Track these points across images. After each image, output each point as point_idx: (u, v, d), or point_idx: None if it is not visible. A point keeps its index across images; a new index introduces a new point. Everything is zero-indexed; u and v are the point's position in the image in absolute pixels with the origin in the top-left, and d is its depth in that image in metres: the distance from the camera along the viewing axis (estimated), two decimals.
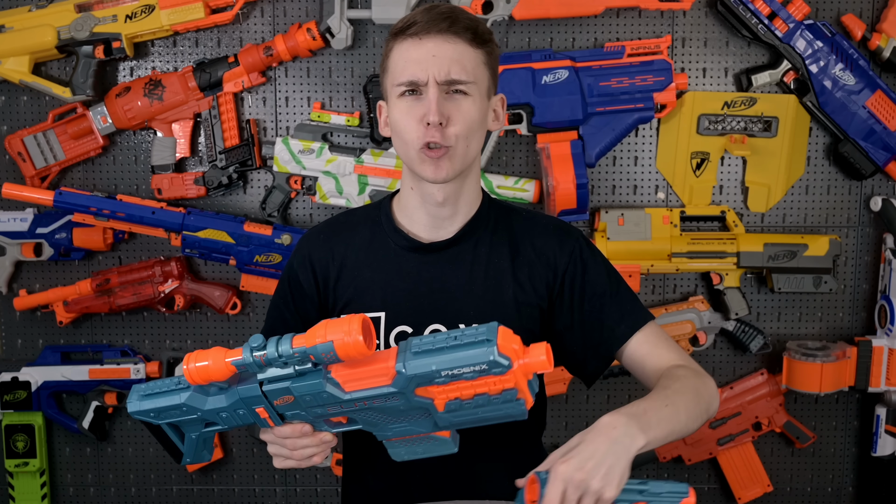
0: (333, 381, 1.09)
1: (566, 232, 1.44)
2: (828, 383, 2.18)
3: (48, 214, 2.22)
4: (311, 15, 2.18)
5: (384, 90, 1.38)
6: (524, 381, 1.03)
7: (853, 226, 2.30)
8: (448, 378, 1.03)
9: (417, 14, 1.32)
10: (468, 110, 1.32)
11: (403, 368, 1.04)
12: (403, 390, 1.06)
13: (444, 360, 1.02)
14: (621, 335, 1.38)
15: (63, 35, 2.12)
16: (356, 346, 1.02)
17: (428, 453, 1.14)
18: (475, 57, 1.32)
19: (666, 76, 2.13)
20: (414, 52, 1.30)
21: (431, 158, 1.31)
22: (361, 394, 1.08)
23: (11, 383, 2.26)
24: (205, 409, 1.15)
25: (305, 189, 2.20)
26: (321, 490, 2.38)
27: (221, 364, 1.08)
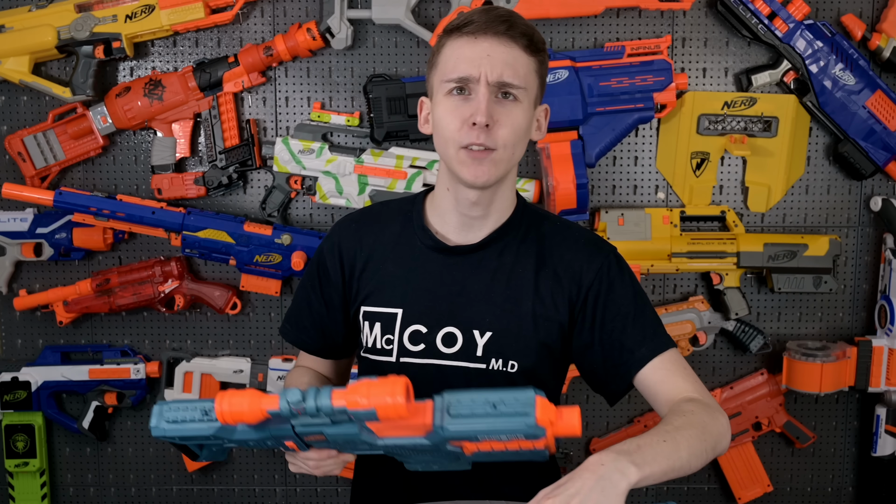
0: (368, 430, 1.08)
1: (598, 247, 1.41)
2: (828, 383, 2.18)
3: (48, 214, 2.22)
4: (311, 15, 2.18)
5: (430, 86, 1.36)
6: (553, 440, 1.03)
7: (853, 226, 2.30)
8: (483, 438, 1.05)
9: (475, 14, 1.30)
10: (516, 116, 1.30)
11: (441, 428, 1.04)
12: (437, 442, 1.06)
13: (481, 426, 1.03)
14: (641, 358, 1.34)
15: (63, 35, 2.12)
16: (398, 410, 1.01)
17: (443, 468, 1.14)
18: (528, 63, 1.31)
19: (666, 76, 2.13)
20: (468, 50, 1.29)
21: (473, 159, 1.29)
22: (394, 441, 1.08)
23: (11, 383, 2.26)
24: (233, 438, 1.14)
25: (305, 189, 2.20)
26: (321, 490, 2.38)
27: (256, 411, 1.06)
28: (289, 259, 2.17)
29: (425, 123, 1.40)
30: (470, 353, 1.37)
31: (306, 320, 1.50)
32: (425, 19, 2.18)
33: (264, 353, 2.31)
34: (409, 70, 2.21)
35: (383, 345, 1.40)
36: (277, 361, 2.27)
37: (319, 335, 1.49)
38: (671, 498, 2.38)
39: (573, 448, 2.34)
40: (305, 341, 1.51)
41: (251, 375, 2.27)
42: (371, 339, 1.41)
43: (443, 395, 1.05)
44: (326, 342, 1.50)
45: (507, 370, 1.37)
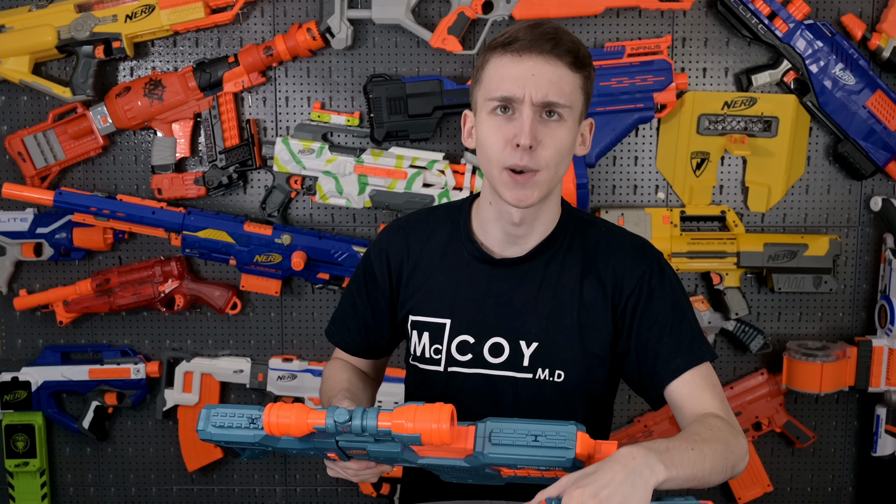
0: (410, 450, 1.12)
1: (642, 254, 1.39)
2: (828, 383, 2.18)
3: (48, 214, 2.22)
4: (311, 15, 2.18)
5: (473, 101, 1.35)
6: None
7: (853, 226, 2.30)
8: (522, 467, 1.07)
9: (521, 31, 1.28)
10: (561, 136, 1.28)
11: (481, 454, 1.06)
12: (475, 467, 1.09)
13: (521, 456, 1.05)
14: (675, 369, 1.32)
15: (63, 35, 2.12)
16: (442, 436, 1.04)
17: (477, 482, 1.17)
18: (573, 81, 1.29)
19: (666, 76, 2.13)
20: (512, 68, 1.27)
21: (515, 182, 1.28)
22: (434, 461, 1.12)
23: (11, 383, 2.26)
24: (277, 446, 1.17)
25: (305, 189, 2.20)
26: (321, 490, 2.38)
27: (303, 425, 1.10)
28: (289, 259, 2.17)
29: (468, 137, 1.39)
30: (517, 363, 1.38)
31: (351, 323, 1.52)
32: (425, 19, 2.18)
33: (264, 353, 2.31)
34: (409, 70, 2.21)
35: (432, 354, 1.42)
36: (277, 361, 2.27)
37: (363, 338, 1.52)
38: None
39: None
40: (349, 343, 1.53)
41: (251, 375, 2.27)
42: (420, 349, 1.43)
43: (485, 422, 1.07)
44: (370, 345, 1.53)
45: (553, 380, 1.37)
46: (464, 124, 1.41)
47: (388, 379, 2.18)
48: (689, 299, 1.42)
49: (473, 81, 1.35)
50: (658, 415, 2.31)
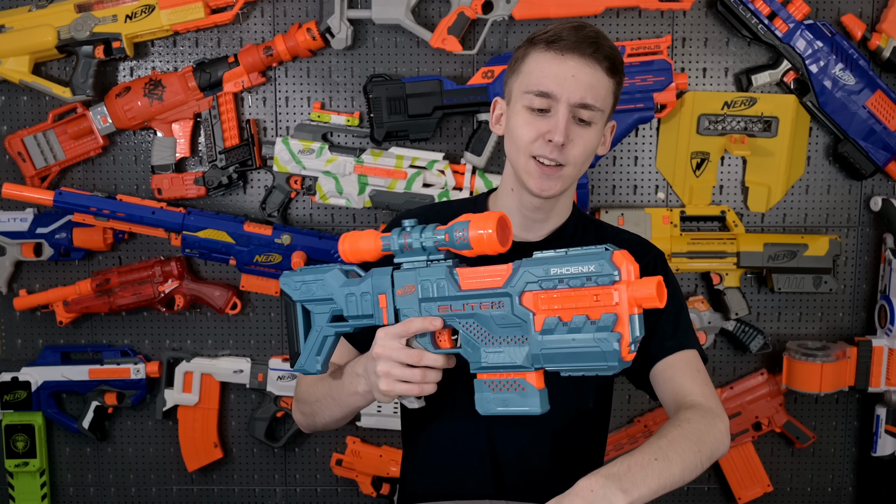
0: (454, 276, 1.17)
1: (647, 249, 1.49)
2: (828, 383, 2.18)
3: (48, 214, 2.22)
4: (311, 15, 2.18)
5: (508, 90, 1.41)
6: (627, 311, 1.03)
7: (853, 226, 2.30)
8: (556, 280, 1.07)
9: (564, 30, 1.34)
10: (590, 138, 1.36)
11: (517, 269, 1.11)
12: (511, 292, 1.11)
13: (557, 260, 1.08)
14: (667, 349, 1.38)
15: (63, 35, 2.12)
16: (489, 235, 1.10)
17: (515, 407, 1.15)
18: (608, 85, 1.36)
19: (666, 76, 2.13)
20: (555, 66, 1.33)
21: (542, 172, 1.35)
22: (474, 292, 1.15)
23: (11, 383, 2.26)
24: (338, 286, 1.26)
25: (305, 189, 2.20)
26: (321, 490, 2.38)
27: (371, 240, 1.21)
28: (289, 259, 2.17)
29: (496, 123, 1.46)
30: None
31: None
32: (425, 19, 2.18)
33: (264, 353, 2.31)
34: (409, 70, 2.21)
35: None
36: (277, 361, 2.27)
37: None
38: (671, 498, 2.39)
39: None
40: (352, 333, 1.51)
41: (251, 375, 2.27)
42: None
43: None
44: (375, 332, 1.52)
45: None
46: (493, 110, 1.47)
47: None
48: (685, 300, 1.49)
49: (510, 71, 1.41)
50: (657, 414, 2.31)
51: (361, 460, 2.29)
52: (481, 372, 1.16)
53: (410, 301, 1.20)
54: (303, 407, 1.49)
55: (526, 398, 1.14)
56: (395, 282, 1.22)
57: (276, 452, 2.36)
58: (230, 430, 2.36)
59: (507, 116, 1.41)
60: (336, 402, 1.38)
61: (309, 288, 1.29)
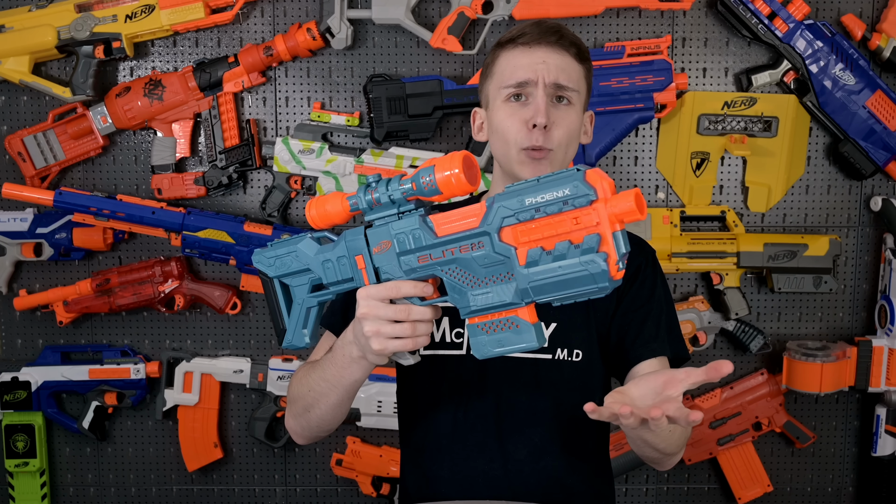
0: (428, 223, 1.13)
1: (640, 247, 1.49)
2: (828, 383, 2.18)
3: (48, 214, 2.22)
4: (311, 15, 2.18)
5: (485, 96, 1.45)
6: (609, 229, 1.00)
7: (853, 226, 2.30)
8: (532, 210, 1.04)
9: (526, 27, 1.40)
10: (571, 118, 1.39)
11: (491, 205, 1.07)
12: (489, 230, 1.08)
13: (530, 189, 1.05)
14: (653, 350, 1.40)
15: (63, 35, 2.12)
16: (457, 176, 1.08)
17: (512, 345, 1.12)
18: (578, 70, 1.40)
19: (666, 76, 2.13)
20: (524, 58, 1.38)
21: (533, 160, 1.37)
22: (452, 237, 1.11)
23: (11, 383, 2.26)
24: (313, 255, 1.24)
25: (305, 189, 2.20)
26: (321, 490, 2.38)
27: (338, 202, 1.19)
28: None
29: (479, 132, 1.49)
30: None
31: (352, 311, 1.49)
32: (425, 19, 2.18)
33: (264, 353, 2.31)
34: (409, 70, 2.21)
35: (453, 338, 1.45)
36: (277, 361, 2.27)
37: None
38: (671, 498, 2.39)
39: None
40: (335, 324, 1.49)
41: (251, 375, 2.27)
42: (439, 334, 1.45)
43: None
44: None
45: (572, 359, 1.42)
46: (473, 121, 1.50)
47: (387, 378, 2.19)
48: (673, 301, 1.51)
49: (483, 78, 1.46)
50: None
51: (361, 460, 2.29)
52: (472, 316, 1.13)
53: (388, 257, 1.17)
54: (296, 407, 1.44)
55: (521, 335, 1.11)
56: (369, 240, 1.18)
57: (276, 452, 2.36)
58: (230, 430, 2.36)
59: (489, 118, 1.44)
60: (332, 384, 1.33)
61: (283, 262, 1.27)
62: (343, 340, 1.28)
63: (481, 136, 1.48)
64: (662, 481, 2.38)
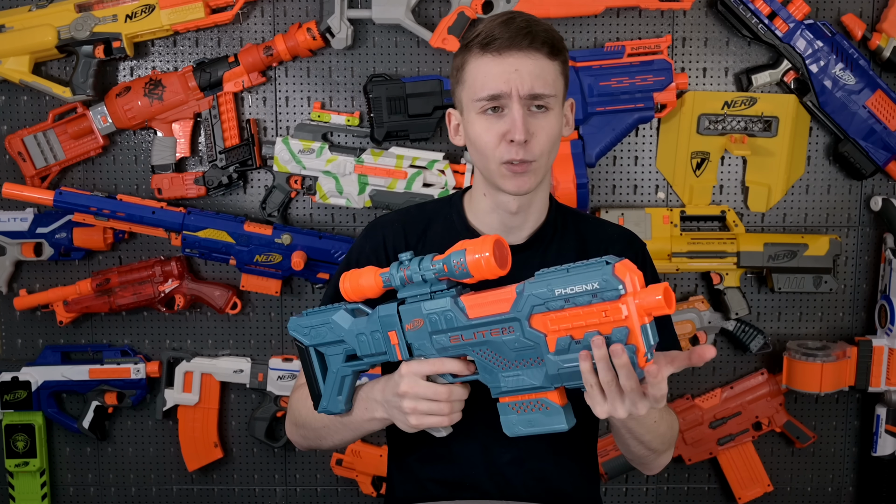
0: (460, 305, 1.16)
1: (630, 241, 1.50)
2: (828, 383, 2.18)
3: (48, 214, 2.22)
4: (311, 15, 2.18)
5: (457, 100, 1.40)
6: (638, 322, 1.02)
7: (853, 226, 2.30)
8: (562, 301, 1.06)
9: (496, 28, 1.31)
10: (550, 125, 1.34)
11: (522, 293, 1.09)
12: (519, 316, 1.10)
13: (560, 280, 1.06)
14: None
15: (63, 35, 2.12)
16: (487, 259, 1.10)
17: (541, 426, 1.15)
18: (554, 69, 1.34)
19: (666, 76, 2.13)
20: (495, 66, 1.31)
21: (514, 173, 1.33)
22: (482, 319, 1.14)
23: (11, 383, 2.26)
24: (347, 328, 1.26)
25: (305, 189, 2.20)
26: (321, 490, 2.38)
27: (371, 277, 1.22)
28: (289, 259, 2.17)
29: (456, 135, 1.44)
30: None
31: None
32: (425, 19, 2.18)
33: (264, 352, 2.31)
34: (409, 70, 2.21)
35: None
36: (277, 361, 2.27)
37: None
38: (671, 498, 2.39)
39: None
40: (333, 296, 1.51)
41: (251, 375, 2.27)
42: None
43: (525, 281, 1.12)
44: None
45: None
46: (449, 122, 1.46)
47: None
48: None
49: (454, 82, 1.40)
50: None
51: (361, 460, 2.29)
52: (503, 396, 1.17)
53: (421, 335, 1.20)
54: (305, 432, 1.47)
55: (551, 416, 1.14)
56: (402, 317, 1.21)
57: (276, 452, 2.36)
58: (230, 430, 2.36)
59: (464, 126, 1.39)
60: (348, 428, 1.38)
61: (318, 332, 1.30)
62: (367, 396, 1.31)
63: (458, 139, 1.44)
64: (662, 481, 2.38)
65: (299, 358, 1.36)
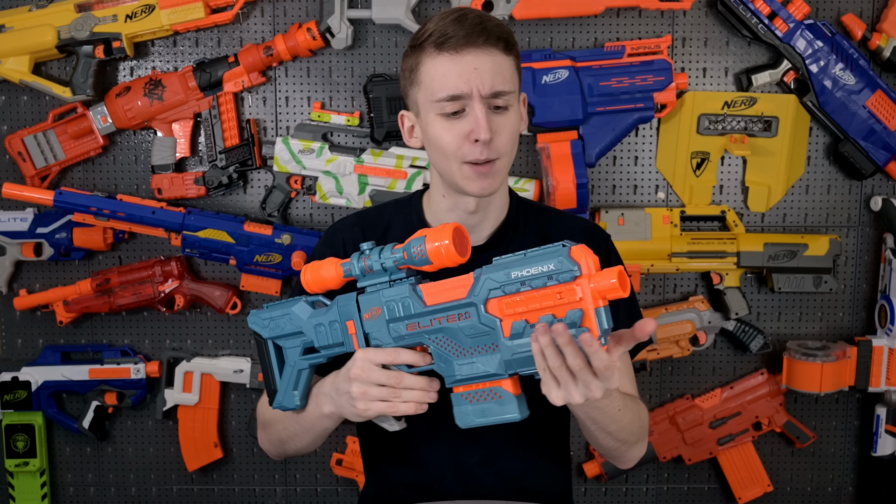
0: (418, 292, 1.16)
1: (593, 234, 1.48)
2: (828, 383, 2.18)
3: (48, 214, 2.22)
4: (311, 15, 2.18)
5: (414, 103, 1.37)
6: (592, 305, 1.02)
7: (853, 226, 2.30)
8: (518, 284, 1.06)
9: (448, 26, 1.29)
10: (511, 122, 1.32)
11: (479, 277, 1.10)
12: (476, 301, 1.10)
13: (517, 263, 1.06)
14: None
15: (63, 35, 2.12)
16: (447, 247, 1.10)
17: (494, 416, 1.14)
18: (510, 64, 1.32)
19: (666, 76, 2.13)
20: (453, 66, 1.28)
21: (478, 174, 1.31)
22: (440, 306, 1.14)
23: (11, 383, 2.26)
24: (306, 319, 1.26)
25: (305, 189, 2.20)
26: (321, 490, 2.38)
27: (332, 268, 1.22)
28: (289, 259, 2.17)
29: (411, 137, 1.41)
30: None
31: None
32: (425, 19, 2.16)
33: None
34: None
35: None
36: None
37: None
38: (671, 498, 2.39)
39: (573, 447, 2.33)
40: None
41: (251, 375, 2.27)
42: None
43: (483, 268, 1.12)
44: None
45: None
46: (402, 125, 1.43)
47: None
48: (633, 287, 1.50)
49: (407, 83, 1.37)
50: (657, 414, 2.31)
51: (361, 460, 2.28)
52: (457, 385, 1.16)
53: (378, 324, 1.20)
54: (270, 434, 1.45)
55: (504, 406, 1.13)
56: (360, 306, 1.21)
57: None
58: (230, 430, 2.36)
59: (422, 128, 1.36)
60: (304, 428, 1.35)
61: (277, 324, 1.29)
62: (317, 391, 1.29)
63: (414, 141, 1.41)
64: (662, 481, 2.38)
65: (257, 352, 1.35)
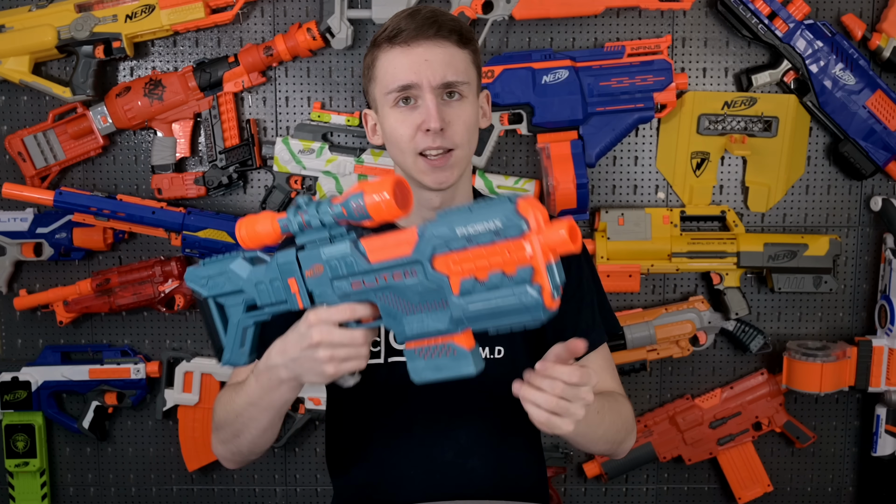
0: (360, 249, 1.11)
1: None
2: (828, 383, 2.18)
3: (48, 214, 2.22)
4: (311, 15, 2.18)
5: (372, 99, 1.39)
6: (543, 261, 0.98)
7: (853, 226, 2.30)
8: (464, 240, 1.01)
9: (401, 21, 1.31)
10: (466, 112, 1.33)
11: (423, 234, 1.05)
12: (421, 258, 1.05)
13: (461, 219, 1.02)
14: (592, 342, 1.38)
15: (63, 35, 2.12)
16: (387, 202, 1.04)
17: (448, 371, 1.10)
18: (465, 57, 1.33)
19: (666, 76, 2.13)
20: (404, 58, 1.31)
21: (433, 167, 1.32)
22: (384, 264, 1.09)
23: (11, 383, 2.26)
24: (245, 277, 1.22)
25: (305, 189, 2.20)
26: (321, 490, 2.38)
27: (268, 223, 1.16)
28: None
29: (374, 135, 1.42)
30: None
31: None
32: None
33: None
34: None
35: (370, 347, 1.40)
36: None
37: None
38: (671, 498, 2.39)
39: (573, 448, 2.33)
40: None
41: None
42: None
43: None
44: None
45: (494, 356, 1.40)
46: (365, 123, 1.44)
47: None
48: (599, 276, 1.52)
49: (367, 80, 1.39)
50: (657, 414, 2.31)
51: None
52: (408, 342, 1.11)
53: (322, 281, 1.15)
54: (222, 434, 1.39)
55: (458, 361, 1.09)
56: (301, 264, 1.16)
57: (276, 452, 2.36)
58: None
59: (380, 123, 1.38)
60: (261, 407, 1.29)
61: (216, 282, 1.25)
62: (267, 363, 1.23)
63: (376, 138, 1.42)
64: (662, 481, 2.38)
65: (200, 310, 1.28)
